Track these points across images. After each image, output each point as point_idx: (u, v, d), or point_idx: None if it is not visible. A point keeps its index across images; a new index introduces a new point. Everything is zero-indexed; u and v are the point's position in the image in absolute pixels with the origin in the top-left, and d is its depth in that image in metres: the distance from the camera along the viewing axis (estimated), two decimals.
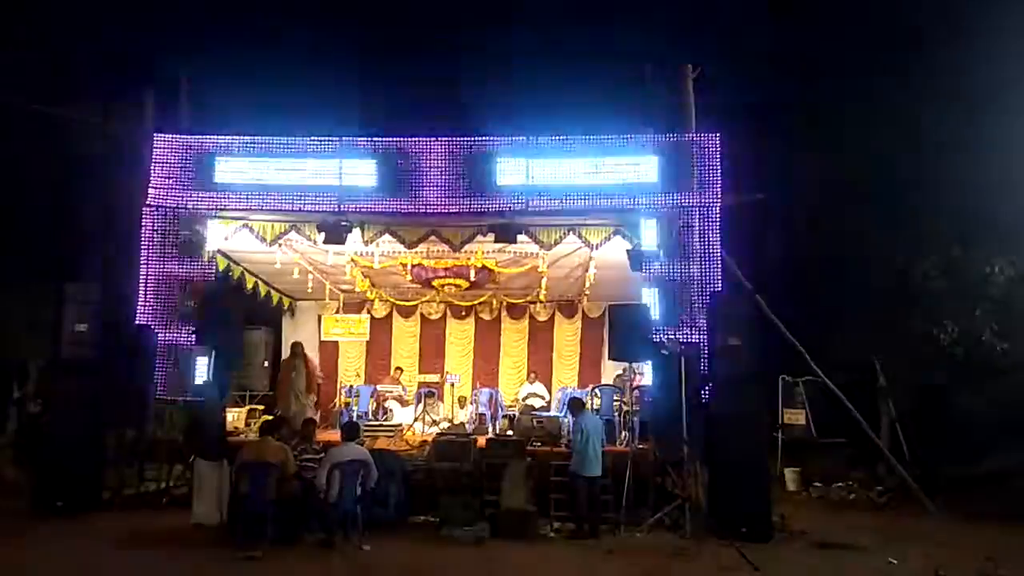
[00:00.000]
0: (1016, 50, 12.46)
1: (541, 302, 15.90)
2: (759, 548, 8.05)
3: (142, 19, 18.47)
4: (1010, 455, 12.18)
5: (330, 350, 16.18)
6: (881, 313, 14.20)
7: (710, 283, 10.46)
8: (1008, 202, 12.27)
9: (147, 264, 10.93)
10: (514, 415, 12.51)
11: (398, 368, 15.25)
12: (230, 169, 11.15)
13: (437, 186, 10.95)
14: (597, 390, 12.78)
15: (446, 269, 12.73)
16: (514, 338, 16.46)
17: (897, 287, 13.71)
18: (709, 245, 10.61)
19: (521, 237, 10.79)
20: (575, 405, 9.81)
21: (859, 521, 10.41)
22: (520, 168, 10.95)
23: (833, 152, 15.53)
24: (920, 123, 13.70)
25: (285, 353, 15.97)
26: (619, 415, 11.62)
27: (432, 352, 16.37)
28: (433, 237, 11.10)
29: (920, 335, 12.87)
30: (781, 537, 8.96)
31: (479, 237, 11.02)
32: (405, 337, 16.51)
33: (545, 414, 12.62)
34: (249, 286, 13.58)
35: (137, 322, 10.70)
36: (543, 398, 14.44)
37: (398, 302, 16.13)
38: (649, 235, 10.72)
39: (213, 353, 10.54)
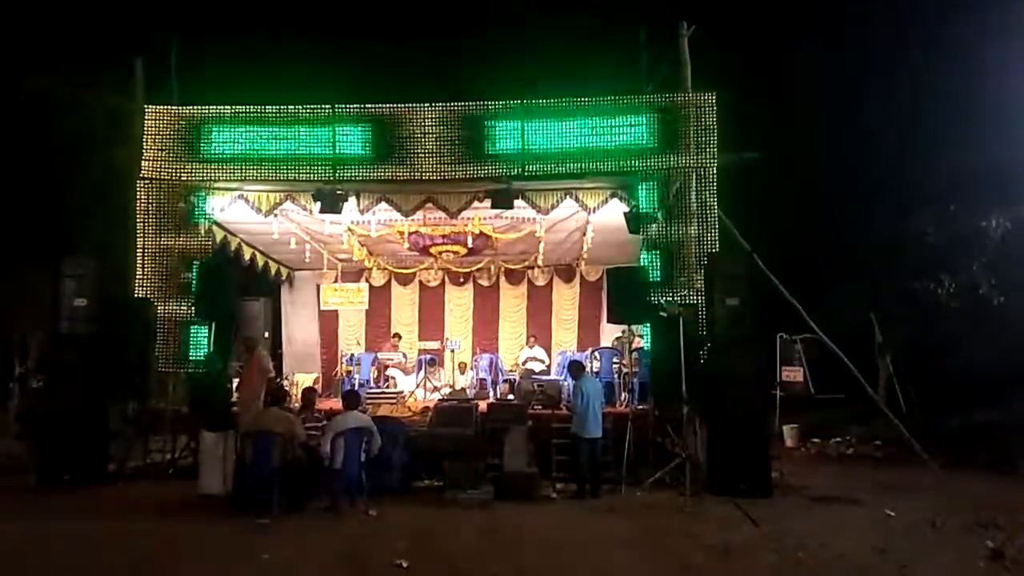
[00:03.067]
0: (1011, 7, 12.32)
1: (539, 267, 15.91)
2: (759, 504, 8.18)
3: None
4: (1007, 408, 12.28)
5: (330, 319, 16.24)
6: (878, 269, 14.23)
7: (707, 243, 10.46)
8: (1003, 155, 12.23)
9: (143, 237, 10.89)
10: (514, 379, 12.61)
11: (396, 335, 15.29)
12: (223, 140, 11.06)
13: (432, 152, 10.86)
14: (597, 353, 12.86)
15: (443, 236, 12.71)
16: (513, 303, 16.51)
17: (894, 242, 13.71)
18: (706, 205, 10.59)
19: (518, 202, 10.77)
20: (575, 369, 9.87)
21: (857, 475, 10.55)
22: (515, 132, 10.87)
23: (831, 109, 15.45)
24: (917, 79, 13.59)
25: (285, 324, 16.07)
26: (619, 377, 11.71)
27: (432, 319, 16.43)
28: (429, 204, 11.04)
29: (917, 290, 12.91)
30: (780, 493, 9.09)
31: (476, 203, 10.97)
32: (404, 305, 16.55)
33: (545, 378, 12.72)
34: (247, 257, 13.57)
35: (136, 295, 10.70)
36: (543, 362, 14.52)
37: (396, 270, 16.13)
38: (646, 197, 10.69)
39: (213, 324, 10.58)
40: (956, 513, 7.89)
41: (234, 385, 10.77)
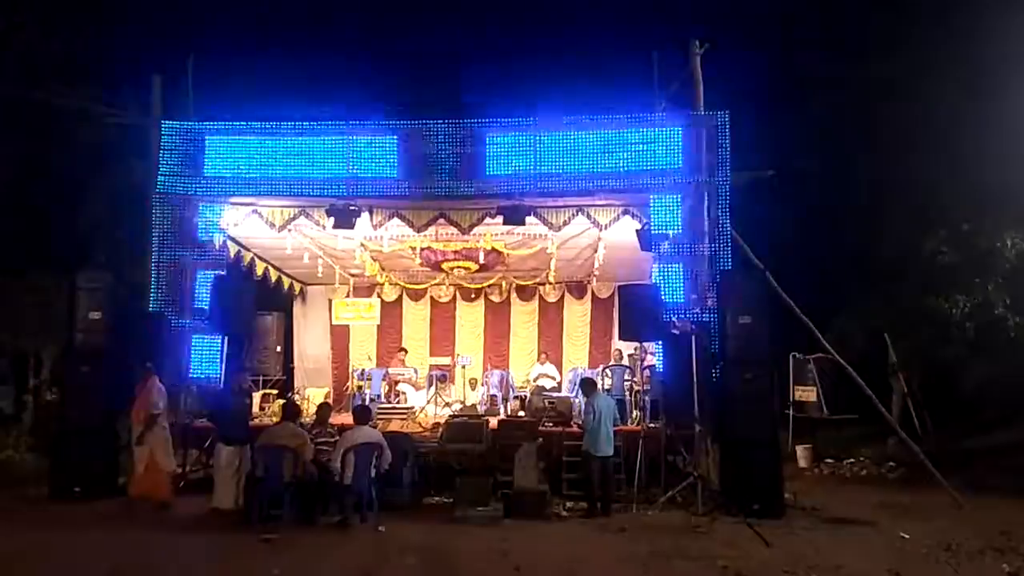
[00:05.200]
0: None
1: (550, 283, 15.92)
2: (771, 524, 8.11)
3: (146, 6, 18.44)
4: (1022, 429, 12.16)
5: (341, 334, 16.28)
6: (892, 288, 14.15)
7: (720, 261, 10.43)
8: (1018, 174, 12.16)
9: (158, 251, 10.98)
10: (525, 396, 12.57)
11: (402, 349, 15.28)
12: (238, 155, 11.15)
13: (445, 169, 10.91)
14: (608, 370, 12.82)
15: (455, 252, 12.76)
16: (524, 319, 16.51)
17: (908, 261, 13.64)
18: (718, 223, 10.57)
19: (529, 219, 10.79)
20: (587, 385, 9.84)
21: (870, 497, 10.44)
22: (528, 149, 10.91)
23: (843, 128, 15.42)
24: (930, 97, 13.55)
25: (296, 338, 16.11)
26: (630, 394, 11.66)
27: (443, 335, 16.44)
28: (441, 220, 11.11)
29: (931, 310, 12.82)
30: (793, 513, 9.01)
31: (487, 219, 11.02)
32: (415, 320, 16.58)
33: (556, 394, 12.67)
34: (259, 272, 13.65)
35: (150, 309, 10.77)
36: (554, 378, 14.49)
37: (408, 285, 16.17)
38: (658, 214, 10.70)
39: (226, 338, 10.63)
40: (972, 536, 7.80)
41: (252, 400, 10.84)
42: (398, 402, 13.14)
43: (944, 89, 13.39)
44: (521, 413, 11.45)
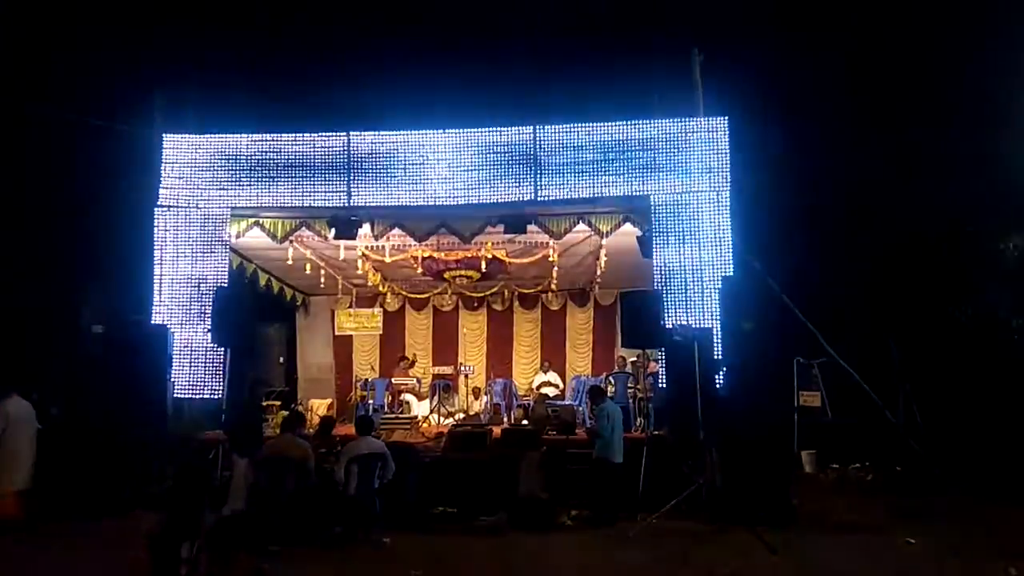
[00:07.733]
0: None
1: (553, 291, 15.92)
2: (777, 531, 8.05)
3: (146, 23, 18.51)
4: None
5: (344, 344, 16.28)
6: (895, 291, 14.12)
7: (721, 267, 10.43)
8: (1022, 176, 12.15)
9: (161, 264, 11.01)
10: (529, 404, 12.57)
11: (404, 357, 15.23)
12: (240, 167, 11.20)
13: (445, 179, 10.94)
14: (612, 377, 12.81)
15: (457, 261, 12.76)
16: (527, 328, 16.50)
17: (911, 264, 13.61)
18: (719, 229, 10.58)
19: (531, 227, 10.80)
20: (596, 393, 9.85)
21: (876, 502, 10.38)
22: (528, 157, 10.93)
23: (845, 131, 15.43)
24: (933, 100, 13.57)
25: (299, 349, 16.10)
26: (634, 402, 11.65)
27: (445, 344, 16.43)
28: (443, 229, 11.12)
29: (935, 312, 12.78)
30: (799, 520, 8.96)
31: (489, 228, 11.03)
32: (418, 330, 16.59)
33: (560, 403, 12.66)
34: (262, 283, 13.65)
35: (153, 321, 10.78)
36: (557, 387, 14.47)
37: (410, 295, 16.18)
38: (659, 221, 10.70)
39: (229, 351, 10.62)
40: (979, 541, 7.76)
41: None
42: (401, 412, 13.13)
43: (946, 89, 13.40)
44: (524, 422, 11.43)
